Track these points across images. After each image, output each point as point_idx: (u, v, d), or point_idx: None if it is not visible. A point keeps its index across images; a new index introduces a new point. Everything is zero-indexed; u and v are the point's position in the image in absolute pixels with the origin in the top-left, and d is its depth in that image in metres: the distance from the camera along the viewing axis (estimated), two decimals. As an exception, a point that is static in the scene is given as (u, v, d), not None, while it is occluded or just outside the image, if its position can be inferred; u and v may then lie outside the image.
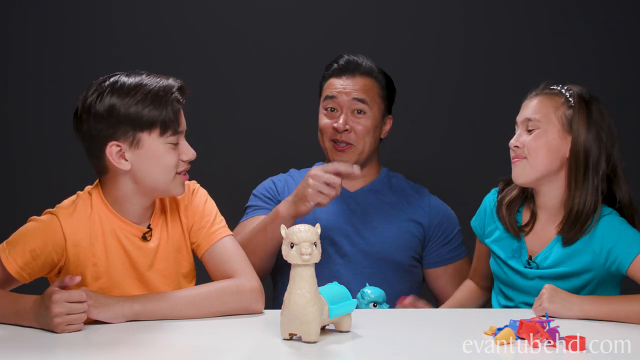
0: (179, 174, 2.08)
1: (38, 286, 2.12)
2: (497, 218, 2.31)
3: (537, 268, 2.22)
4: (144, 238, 2.11)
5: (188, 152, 2.08)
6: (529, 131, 2.20)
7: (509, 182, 2.29)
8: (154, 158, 2.04)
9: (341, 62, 2.62)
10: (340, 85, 2.58)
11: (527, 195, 2.29)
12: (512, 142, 2.22)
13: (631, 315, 2.05)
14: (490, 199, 2.36)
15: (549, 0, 3.40)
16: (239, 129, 3.41)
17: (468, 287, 2.46)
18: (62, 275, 2.06)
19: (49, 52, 3.40)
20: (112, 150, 2.03)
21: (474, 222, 2.39)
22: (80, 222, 2.07)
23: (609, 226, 2.18)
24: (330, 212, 2.57)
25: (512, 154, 2.23)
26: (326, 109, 2.60)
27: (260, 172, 2.81)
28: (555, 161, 2.20)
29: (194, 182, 2.22)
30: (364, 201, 2.61)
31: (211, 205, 2.20)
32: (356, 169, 2.41)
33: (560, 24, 3.40)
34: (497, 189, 2.35)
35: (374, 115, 2.59)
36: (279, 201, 2.59)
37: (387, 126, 2.66)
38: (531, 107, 2.22)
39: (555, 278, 2.19)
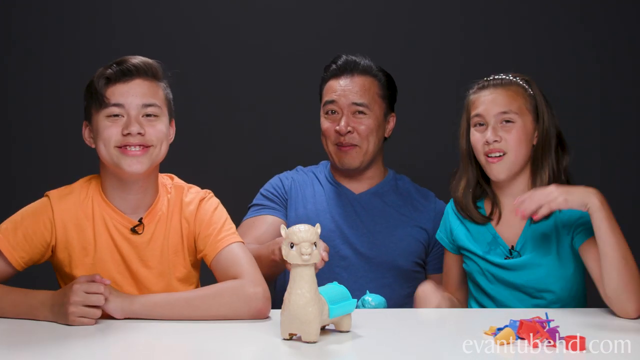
0: (120, 147, 2.08)
1: (39, 284, 2.12)
2: (461, 216, 2.33)
3: (519, 256, 2.23)
4: (134, 231, 2.12)
5: (128, 126, 2.08)
6: (503, 124, 2.22)
7: (454, 189, 2.34)
8: (96, 132, 2.10)
9: (339, 62, 2.59)
10: (339, 88, 2.56)
11: (481, 190, 2.32)
12: (491, 137, 2.23)
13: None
14: (449, 206, 2.40)
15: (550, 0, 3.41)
16: (240, 129, 3.42)
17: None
18: (55, 256, 2.12)
19: (48, 52, 3.41)
20: (85, 130, 2.16)
21: (440, 234, 2.41)
22: (71, 204, 2.11)
23: None
24: (333, 214, 2.56)
25: (485, 148, 2.24)
26: (327, 113, 2.58)
27: (261, 172, 2.80)
28: (528, 150, 2.25)
29: (206, 190, 2.21)
30: (368, 204, 2.60)
31: (220, 214, 2.17)
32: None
33: (562, 23, 3.40)
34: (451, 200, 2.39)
35: (376, 115, 2.57)
36: (286, 200, 2.60)
37: (391, 124, 2.64)
38: (502, 101, 2.23)
39: (537, 262, 2.22)
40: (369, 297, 2.27)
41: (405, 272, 2.54)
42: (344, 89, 2.56)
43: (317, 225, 1.83)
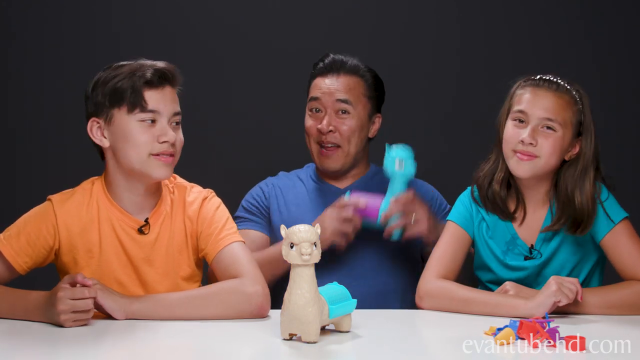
0: (156, 155, 2.07)
1: (38, 284, 2.12)
2: (483, 210, 2.28)
3: (540, 256, 2.22)
4: (140, 231, 2.12)
5: (166, 134, 2.06)
6: (543, 129, 2.17)
7: (482, 176, 2.28)
8: (124, 135, 2.06)
9: (326, 61, 2.59)
10: (324, 86, 2.55)
11: (507, 185, 2.27)
12: (527, 138, 2.17)
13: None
14: (468, 195, 2.32)
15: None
16: (240, 129, 3.41)
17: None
18: (59, 259, 2.11)
19: (48, 53, 3.41)
20: (92, 126, 2.10)
21: (456, 215, 2.30)
22: (74, 208, 2.11)
23: None
24: (317, 210, 2.55)
25: (518, 146, 2.18)
26: (311, 110, 2.58)
27: (262, 173, 2.80)
28: (558, 162, 2.21)
29: (208, 190, 2.22)
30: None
31: (222, 213, 2.18)
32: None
33: (560, 22, 3.40)
34: (469, 187, 2.32)
35: (359, 115, 2.55)
36: (267, 209, 2.58)
37: (376, 125, 2.62)
38: (549, 106, 2.18)
39: (559, 266, 2.22)
40: (394, 150, 2.34)
41: (393, 250, 2.51)
42: (329, 87, 2.55)
43: (317, 225, 1.83)
